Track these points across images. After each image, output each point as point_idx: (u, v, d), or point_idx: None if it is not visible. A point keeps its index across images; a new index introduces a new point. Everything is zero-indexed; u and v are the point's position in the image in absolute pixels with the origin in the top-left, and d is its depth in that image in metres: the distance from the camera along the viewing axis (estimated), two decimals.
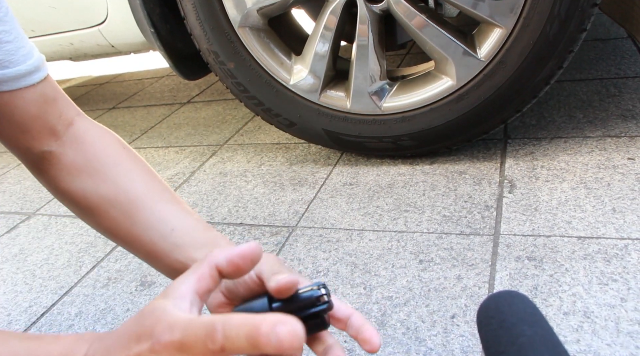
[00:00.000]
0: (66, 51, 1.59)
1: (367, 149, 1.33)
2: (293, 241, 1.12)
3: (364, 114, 1.28)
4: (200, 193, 1.41)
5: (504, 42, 1.11)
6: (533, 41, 1.08)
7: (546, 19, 1.05)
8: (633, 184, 1.08)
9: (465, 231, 1.04)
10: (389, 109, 1.25)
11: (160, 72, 2.75)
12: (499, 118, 1.19)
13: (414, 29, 1.16)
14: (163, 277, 1.11)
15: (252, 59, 1.29)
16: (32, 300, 1.14)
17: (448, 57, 1.16)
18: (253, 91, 1.33)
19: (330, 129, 1.32)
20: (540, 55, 1.09)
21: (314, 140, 1.38)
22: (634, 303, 0.81)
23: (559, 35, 1.07)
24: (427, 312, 0.87)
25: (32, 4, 1.46)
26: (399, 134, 1.27)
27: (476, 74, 1.15)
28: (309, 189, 1.31)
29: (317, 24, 1.23)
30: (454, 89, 1.18)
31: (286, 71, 1.30)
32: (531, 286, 0.87)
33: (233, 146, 1.65)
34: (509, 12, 1.07)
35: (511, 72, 1.13)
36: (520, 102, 1.16)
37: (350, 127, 1.30)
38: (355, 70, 1.24)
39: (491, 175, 1.20)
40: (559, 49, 1.09)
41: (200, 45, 1.31)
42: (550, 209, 1.05)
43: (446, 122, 1.22)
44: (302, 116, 1.33)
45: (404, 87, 1.26)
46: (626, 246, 0.92)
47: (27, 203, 1.60)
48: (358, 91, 1.25)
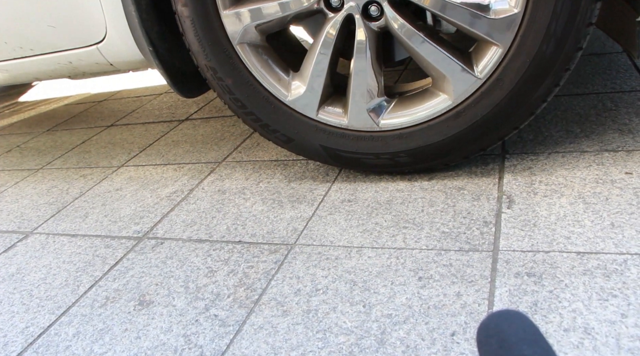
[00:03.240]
0: (65, 70, 1.60)
1: (364, 165, 1.33)
2: (292, 258, 1.12)
3: (361, 131, 1.28)
4: (198, 210, 1.41)
5: (501, 60, 1.11)
6: (530, 59, 1.09)
7: (542, 37, 1.06)
8: (631, 198, 1.08)
9: (464, 247, 1.04)
10: (387, 125, 1.26)
11: (158, 90, 2.76)
12: (496, 135, 1.20)
13: (411, 46, 1.17)
14: (161, 296, 1.10)
15: (250, 75, 1.30)
16: (29, 321, 1.13)
17: (446, 75, 1.16)
18: (251, 106, 1.33)
19: (327, 146, 1.32)
20: (537, 73, 1.10)
21: (312, 156, 1.38)
22: (634, 319, 0.80)
23: (556, 53, 1.08)
24: (426, 330, 0.87)
25: (31, 23, 1.47)
26: (396, 151, 1.27)
27: (474, 92, 1.16)
28: (308, 206, 1.31)
29: (316, 41, 1.24)
30: (452, 106, 1.19)
31: (284, 87, 1.30)
32: (531, 303, 0.87)
33: (231, 164, 1.65)
34: (506, 31, 1.08)
35: (508, 90, 1.13)
36: (518, 120, 1.17)
37: (347, 143, 1.30)
38: (353, 86, 1.24)
39: (489, 191, 1.20)
40: (556, 67, 1.09)
41: (199, 61, 1.32)
42: (549, 224, 1.05)
43: (444, 139, 1.22)
44: (300, 132, 1.33)
45: (402, 103, 1.26)
46: (625, 261, 0.92)
47: (24, 222, 1.60)
48: (356, 108, 1.26)
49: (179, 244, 1.27)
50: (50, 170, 2.00)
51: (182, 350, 0.95)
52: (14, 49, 1.56)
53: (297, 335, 0.92)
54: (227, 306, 1.03)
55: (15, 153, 2.34)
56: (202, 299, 1.07)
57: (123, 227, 1.42)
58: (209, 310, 1.03)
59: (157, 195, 1.56)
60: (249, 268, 1.12)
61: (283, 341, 0.91)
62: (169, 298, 1.09)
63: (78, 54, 1.50)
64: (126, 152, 1.96)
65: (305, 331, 0.92)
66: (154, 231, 1.36)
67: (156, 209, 1.47)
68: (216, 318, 1.00)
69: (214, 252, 1.21)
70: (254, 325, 0.96)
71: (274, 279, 1.07)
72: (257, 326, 0.96)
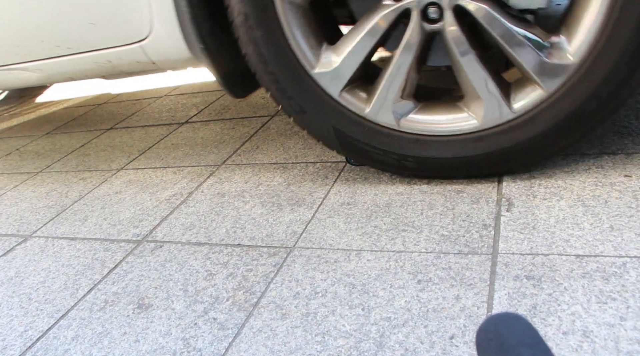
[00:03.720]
0: (102, 69, 1.53)
1: (369, 159, 1.31)
2: (291, 262, 1.12)
3: (379, 124, 1.25)
4: (198, 213, 1.41)
5: (540, 102, 1.11)
6: (568, 112, 1.10)
7: (588, 95, 1.07)
8: (630, 201, 1.08)
9: (464, 250, 1.04)
10: (407, 127, 1.23)
11: (158, 93, 2.76)
12: (504, 168, 1.21)
13: (457, 59, 1.14)
14: (160, 299, 1.10)
15: (282, 34, 1.22)
16: (28, 324, 1.13)
17: (481, 97, 1.15)
18: (273, 66, 1.26)
19: (340, 129, 1.28)
20: (569, 126, 1.11)
21: (319, 135, 1.32)
22: (633, 322, 0.80)
23: (595, 113, 1.09)
24: (425, 333, 0.87)
25: (69, 21, 1.40)
26: (406, 155, 1.26)
27: (503, 123, 1.15)
28: (307, 209, 1.31)
29: (363, 23, 1.19)
30: (477, 129, 1.17)
31: (314, 57, 1.24)
32: (530, 306, 0.87)
33: (231, 167, 1.65)
34: (554, 76, 1.08)
35: (536, 132, 1.14)
36: (530, 161, 1.19)
37: (361, 132, 1.27)
38: (387, 79, 1.20)
39: (489, 193, 1.20)
40: (589, 125, 1.11)
41: (231, 2, 1.22)
42: (548, 227, 1.05)
43: (456, 157, 1.21)
44: (316, 108, 1.28)
45: (428, 109, 1.24)
46: (624, 264, 0.92)
47: (23, 225, 1.60)
48: (382, 100, 1.22)
49: (178, 248, 1.27)
50: (50, 173, 2.00)
51: (181, 353, 0.95)
52: (50, 47, 1.49)
53: (296, 338, 0.92)
54: (226, 310, 1.03)
55: (14, 156, 2.34)
56: (201, 302, 1.06)
57: (122, 230, 1.42)
58: (208, 313, 1.03)
59: (156, 198, 1.56)
60: (248, 271, 1.12)
61: (282, 345, 0.91)
62: (168, 302, 1.09)
63: (118, 52, 1.43)
64: (125, 156, 1.96)
65: (304, 335, 0.92)
66: (153, 234, 1.36)
67: (155, 213, 1.47)
68: (215, 321, 1.00)
69: (213, 255, 1.21)
70: (253, 328, 0.96)
71: (273, 282, 1.07)
72: (256, 330, 0.96)
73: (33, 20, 1.44)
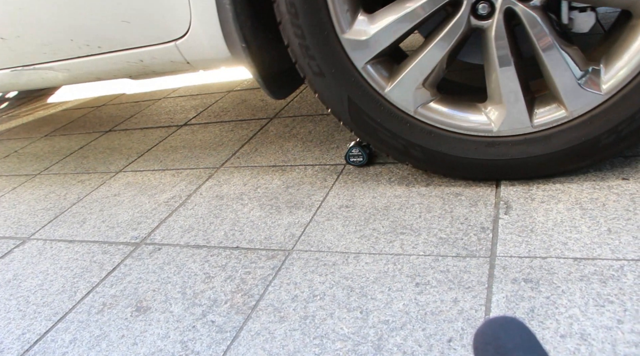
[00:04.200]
0: (133, 69, 1.48)
1: (376, 138, 1.27)
2: (289, 264, 1.12)
3: (395, 106, 1.21)
4: (196, 216, 1.41)
5: (560, 124, 1.12)
6: (585, 139, 1.11)
7: (608, 129, 1.08)
8: (628, 204, 1.08)
9: (462, 253, 1.04)
10: (423, 116, 1.21)
11: (157, 95, 2.76)
12: (505, 176, 1.22)
13: (494, 61, 1.12)
14: (159, 302, 1.10)
15: None
16: (26, 327, 1.13)
17: (505, 104, 1.14)
18: (303, 19, 1.19)
19: (354, 101, 1.24)
20: (582, 153, 1.13)
21: (330, 102, 1.28)
22: (630, 325, 0.80)
23: (610, 146, 1.10)
24: (423, 336, 0.87)
25: (102, 19, 1.36)
26: (415, 143, 1.23)
27: (519, 134, 1.15)
28: (306, 212, 1.31)
29: (407, 1, 1.14)
30: (492, 134, 1.17)
31: (345, 21, 1.18)
32: (528, 309, 0.87)
33: (230, 169, 1.65)
34: (583, 103, 1.08)
35: (549, 151, 1.15)
36: (532, 175, 1.20)
37: (375, 110, 1.23)
38: (415, 64, 1.17)
39: (487, 196, 1.21)
40: (601, 155, 1.13)
41: None
42: (546, 230, 1.05)
43: (464, 157, 1.21)
44: (335, 74, 1.23)
45: (447, 102, 1.21)
46: (622, 267, 0.92)
47: (21, 228, 1.60)
48: (405, 84, 1.19)
49: (177, 250, 1.27)
50: (48, 175, 2.00)
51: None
52: (80, 46, 1.44)
53: (294, 341, 0.92)
54: (224, 312, 1.03)
55: (13, 158, 2.34)
56: (199, 305, 1.06)
57: (121, 233, 1.42)
58: (206, 316, 1.03)
59: (155, 201, 1.56)
60: (247, 274, 1.12)
61: (280, 348, 0.91)
62: (166, 304, 1.09)
63: (152, 51, 1.38)
64: (124, 158, 1.96)
65: (303, 338, 0.92)
66: (152, 237, 1.36)
67: (154, 215, 1.47)
68: (213, 324, 1.00)
69: (211, 258, 1.21)
70: (251, 331, 0.96)
71: (271, 285, 1.07)
72: (254, 333, 0.96)
73: (63, 18, 1.40)
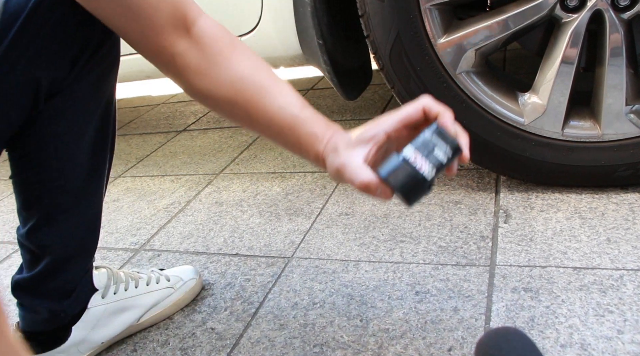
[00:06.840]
0: None
1: (407, 88, 1.18)
2: (289, 272, 1.12)
3: (440, 61, 1.13)
4: (196, 222, 1.41)
5: (586, 142, 1.13)
6: (601, 165, 1.14)
7: (629, 163, 1.12)
8: (627, 213, 1.08)
9: (461, 261, 1.04)
10: (461, 81, 1.14)
11: (156, 100, 2.76)
12: (507, 172, 1.24)
13: (558, 55, 1.08)
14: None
15: None
16: None
17: (547, 103, 1.12)
18: None
19: None
20: (593, 175, 1.16)
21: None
22: (630, 335, 0.81)
23: (622, 179, 1.15)
24: (424, 345, 0.87)
25: None
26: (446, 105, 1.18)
27: (545, 137, 1.15)
28: (305, 219, 1.31)
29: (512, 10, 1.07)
30: (520, 126, 1.15)
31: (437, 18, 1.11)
32: (528, 318, 0.87)
33: (229, 175, 1.65)
34: (618, 129, 1.09)
35: (564, 163, 1.16)
36: (536, 179, 1.23)
37: (421, 59, 1.14)
38: (478, 28, 1.10)
39: (486, 205, 1.21)
40: (611, 182, 1.17)
41: None
42: (546, 239, 1.06)
43: (483, 137, 1.17)
44: None
45: (485, 76, 1.17)
46: (621, 277, 0.92)
47: None
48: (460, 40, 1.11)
49: (176, 257, 1.27)
50: None
51: None
52: None
53: (294, 348, 0.92)
54: (224, 320, 1.03)
55: None
56: (198, 312, 1.06)
57: (120, 239, 1.42)
58: (206, 323, 1.03)
59: (154, 207, 1.56)
60: (246, 281, 1.12)
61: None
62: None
63: None
64: (123, 163, 1.96)
65: (302, 345, 0.92)
66: (151, 243, 1.36)
67: (153, 221, 1.47)
68: (213, 332, 1.00)
69: (210, 265, 1.21)
70: (251, 338, 0.96)
71: (271, 292, 1.07)
72: (254, 340, 0.96)
73: None
